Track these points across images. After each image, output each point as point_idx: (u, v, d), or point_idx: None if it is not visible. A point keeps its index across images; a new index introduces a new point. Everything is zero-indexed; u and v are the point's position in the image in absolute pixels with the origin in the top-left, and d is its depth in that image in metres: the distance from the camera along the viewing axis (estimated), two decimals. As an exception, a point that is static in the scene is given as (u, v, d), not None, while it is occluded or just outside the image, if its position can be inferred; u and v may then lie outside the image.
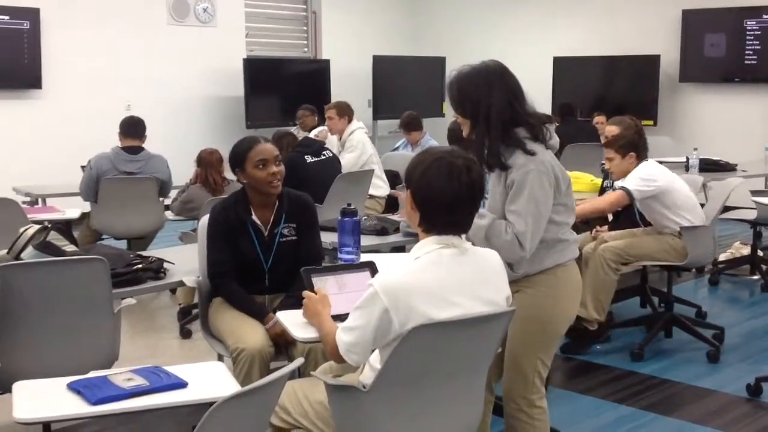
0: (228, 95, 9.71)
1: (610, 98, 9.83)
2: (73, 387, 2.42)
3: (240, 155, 3.23)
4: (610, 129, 5.23)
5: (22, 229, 2.94)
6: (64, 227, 3.74)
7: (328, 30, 10.81)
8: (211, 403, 2.04)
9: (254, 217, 3.27)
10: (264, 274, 3.28)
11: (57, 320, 2.83)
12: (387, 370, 2.19)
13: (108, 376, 2.46)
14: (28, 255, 2.83)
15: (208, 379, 2.52)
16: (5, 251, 2.92)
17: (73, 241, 3.06)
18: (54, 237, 2.90)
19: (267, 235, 3.27)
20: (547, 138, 2.75)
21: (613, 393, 4.10)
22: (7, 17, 8.11)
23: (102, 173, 5.46)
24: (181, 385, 2.47)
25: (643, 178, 4.52)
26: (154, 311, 5.75)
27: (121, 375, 2.46)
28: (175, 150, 6.72)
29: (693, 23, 9.36)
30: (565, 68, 10.11)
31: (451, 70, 2.76)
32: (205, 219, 3.50)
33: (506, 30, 10.73)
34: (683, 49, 9.47)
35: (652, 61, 9.57)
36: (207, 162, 5.50)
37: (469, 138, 2.73)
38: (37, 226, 2.93)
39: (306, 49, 10.92)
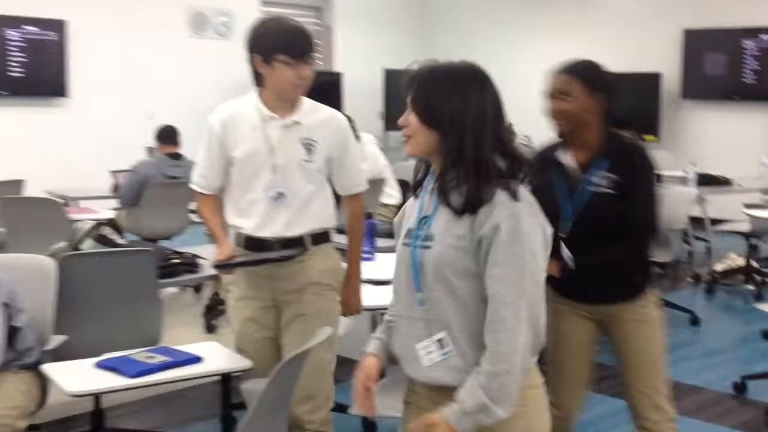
0: (244, 105, 10.04)
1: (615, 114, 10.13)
2: (103, 365, 2.76)
3: None
4: None
5: (79, 224, 3.28)
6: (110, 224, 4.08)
7: (341, 44, 11.17)
8: (226, 375, 2.43)
9: (563, 156, 2.73)
10: (560, 221, 2.68)
11: (111, 302, 3.20)
12: None
13: (129, 356, 2.79)
14: (87, 246, 3.17)
15: (214, 355, 2.88)
16: (65, 243, 3.26)
17: (121, 235, 3.40)
18: (107, 231, 3.24)
19: (577, 181, 2.69)
20: (527, 181, 1.94)
21: (611, 387, 4.41)
22: (37, 29, 8.48)
23: (148, 178, 5.81)
24: (197, 359, 2.83)
25: None
26: (178, 308, 6.07)
27: (140, 354, 2.80)
28: (193, 157, 7.04)
29: (693, 43, 9.70)
30: (570, 84, 10.44)
31: (415, 62, 2.03)
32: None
33: (513, 46, 11.06)
34: (684, 67, 9.81)
35: (654, 78, 9.90)
36: None
37: (423, 156, 1.94)
38: (92, 222, 3.28)
39: (320, 62, 11.28)
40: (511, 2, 11.17)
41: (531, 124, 9.97)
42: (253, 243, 2.89)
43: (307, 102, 2.93)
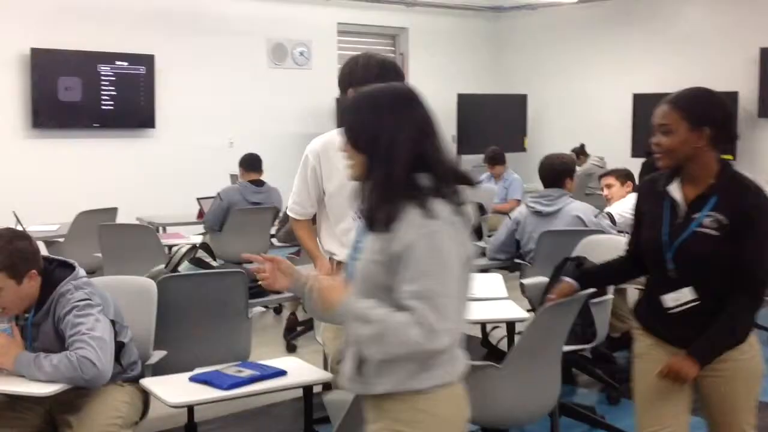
0: (321, 132, 10.30)
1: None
2: (196, 379, 3.00)
3: None
4: None
5: (176, 248, 3.55)
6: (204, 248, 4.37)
7: (415, 70, 11.39)
8: (309, 389, 2.66)
9: (672, 188, 2.57)
10: (663, 264, 2.56)
11: (205, 321, 3.47)
12: (520, 345, 2.77)
13: (219, 370, 3.03)
14: (184, 268, 3.44)
15: (298, 369, 3.11)
16: (163, 266, 3.53)
17: (214, 258, 3.66)
18: (202, 254, 3.50)
19: (682, 216, 2.53)
20: (458, 202, 1.98)
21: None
22: (126, 63, 8.95)
23: (233, 204, 6.12)
24: (282, 373, 3.05)
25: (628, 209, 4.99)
26: (261, 329, 6.33)
27: (230, 369, 3.03)
28: (272, 183, 7.36)
29: (771, 61, 9.60)
30: (645, 105, 10.42)
31: (353, 95, 2.11)
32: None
33: (586, 67, 11.10)
34: (761, 85, 9.70)
35: (731, 97, 9.80)
36: None
37: (362, 180, 2.02)
38: (188, 245, 3.55)
39: (394, 89, 11.54)
40: (585, 25, 11.23)
41: (606, 145, 10.07)
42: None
43: None
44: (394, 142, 1.94)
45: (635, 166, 9.05)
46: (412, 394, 1.96)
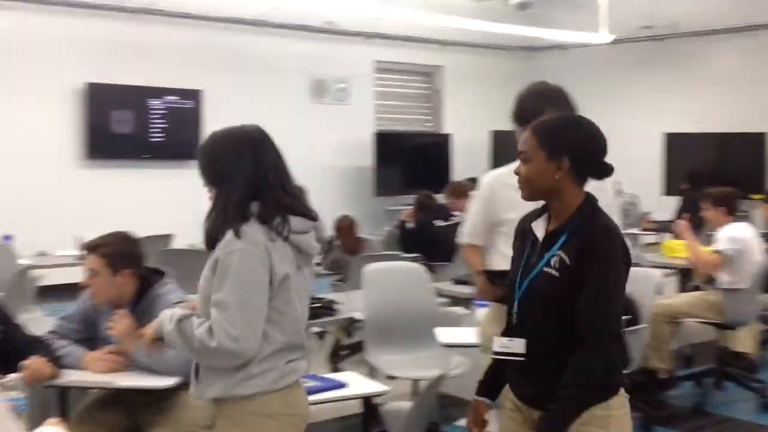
0: (359, 165, 10.71)
1: (721, 174, 10.23)
2: None
3: None
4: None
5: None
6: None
7: (450, 106, 11.75)
8: (369, 399, 2.91)
9: (536, 224, 2.32)
10: (512, 307, 2.31)
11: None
12: None
13: None
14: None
15: (356, 382, 3.36)
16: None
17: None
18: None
19: (537, 254, 2.28)
20: (282, 230, 2.25)
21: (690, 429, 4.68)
22: (177, 98, 9.38)
23: None
24: (342, 385, 3.27)
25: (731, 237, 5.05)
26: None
27: None
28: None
29: (800, 102, 9.84)
30: (676, 144, 10.63)
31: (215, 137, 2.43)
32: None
33: (617, 106, 11.35)
34: (789, 126, 9.94)
35: (759, 138, 10.03)
36: (340, 228, 6.65)
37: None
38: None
39: (429, 124, 11.88)
40: (616, 65, 11.52)
41: (637, 183, 10.26)
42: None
43: None
44: (236, 177, 2.26)
45: (667, 204, 9.28)
46: (241, 399, 2.23)
